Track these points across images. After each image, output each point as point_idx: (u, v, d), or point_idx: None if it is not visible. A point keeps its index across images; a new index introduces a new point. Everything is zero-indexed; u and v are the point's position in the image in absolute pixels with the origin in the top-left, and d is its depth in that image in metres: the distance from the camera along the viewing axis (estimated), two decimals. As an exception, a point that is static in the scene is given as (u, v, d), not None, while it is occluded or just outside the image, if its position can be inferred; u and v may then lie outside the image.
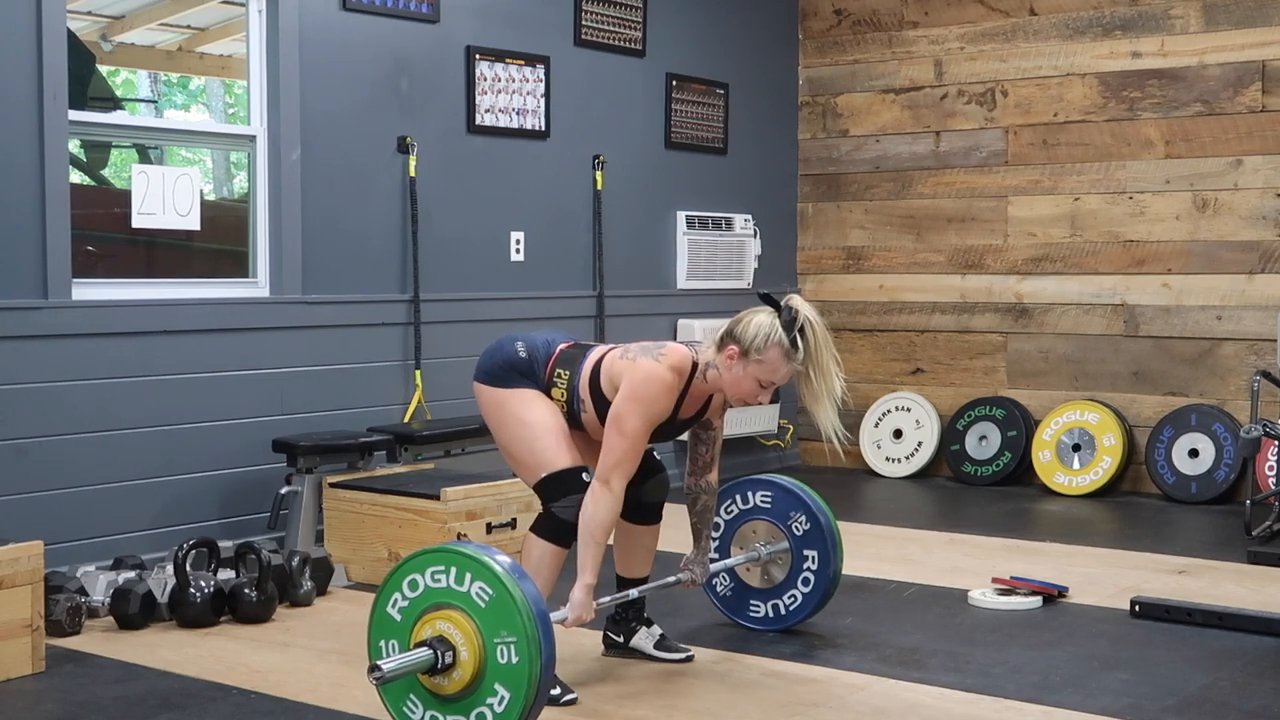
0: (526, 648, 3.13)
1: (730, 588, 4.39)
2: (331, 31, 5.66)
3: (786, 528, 4.29)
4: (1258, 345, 6.72)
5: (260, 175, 5.49)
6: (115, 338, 4.98)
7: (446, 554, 3.26)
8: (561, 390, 3.78)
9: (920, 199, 7.68)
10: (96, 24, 6.01)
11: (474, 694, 3.17)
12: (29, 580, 3.87)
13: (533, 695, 3.13)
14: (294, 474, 5.16)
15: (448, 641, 3.17)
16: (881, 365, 7.85)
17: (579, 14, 6.70)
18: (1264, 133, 6.71)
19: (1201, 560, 5.42)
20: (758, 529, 4.34)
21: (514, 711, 3.13)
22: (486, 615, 3.17)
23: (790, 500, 4.30)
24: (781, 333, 3.57)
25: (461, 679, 3.17)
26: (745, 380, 3.62)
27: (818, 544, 4.26)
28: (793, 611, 4.30)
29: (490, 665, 3.16)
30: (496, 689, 3.16)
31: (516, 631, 3.14)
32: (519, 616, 3.14)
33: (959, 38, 7.53)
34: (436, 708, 3.22)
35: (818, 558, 4.26)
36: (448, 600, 3.21)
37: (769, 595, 4.33)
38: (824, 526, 4.26)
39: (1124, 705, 3.64)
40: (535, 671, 3.12)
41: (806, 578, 4.27)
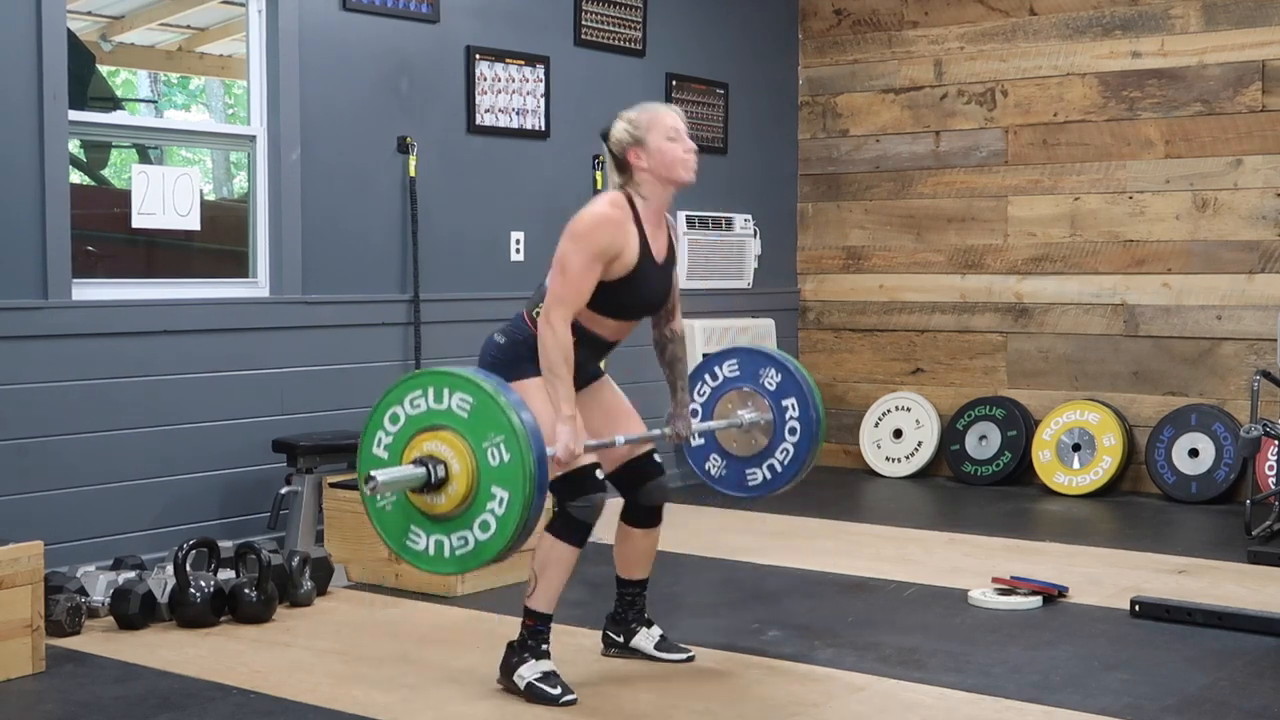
0: (516, 443, 3.15)
1: (724, 466, 4.35)
2: (331, 31, 5.66)
3: (759, 387, 4.27)
4: (1258, 345, 6.72)
5: (260, 175, 5.49)
6: (115, 338, 4.98)
7: (420, 378, 3.32)
8: None
9: (920, 199, 7.69)
10: (96, 24, 6.02)
11: (473, 504, 3.20)
12: (29, 580, 3.87)
13: (531, 490, 3.15)
14: (294, 474, 5.16)
15: (437, 458, 3.21)
16: (881, 365, 7.85)
17: (579, 14, 6.70)
18: (1264, 132, 6.71)
19: (1201, 560, 5.42)
20: (732, 399, 4.31)
21: (515, 509, 3.15)
22: (471, 424, 3.20)
23: (755, 360, 4.30)
24: (626, 111, 3.76)
25: (457, 491, 3.20)
26: (662, 152, 3.71)
27: (793, 391, 4.22)
28: (789, 464, 4.23)
29: (484, 470, 3.19)
30: (494, 492, 3.18)
31: (503, 429, 3.16)
32: (502, 415, 3.18)
33: (959, 38, 7.53)
34: (440, 530, 3.24)
35: (796, 404, 4.21)
36: (430, 422, 3.25)
37: (763, 458, 4.27)
38: (794, 373, 4.23)
39: (1124, 705, 3.64)
40: (529, 464, 3.14)
41: (793, 427, 4.22)
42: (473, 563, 3.29)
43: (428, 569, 3.39)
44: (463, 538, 3.26)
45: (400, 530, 3.31)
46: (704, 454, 4.37)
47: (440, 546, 3.30)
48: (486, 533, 3.23)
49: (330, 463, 5.23)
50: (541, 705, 3.61)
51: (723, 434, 4.32)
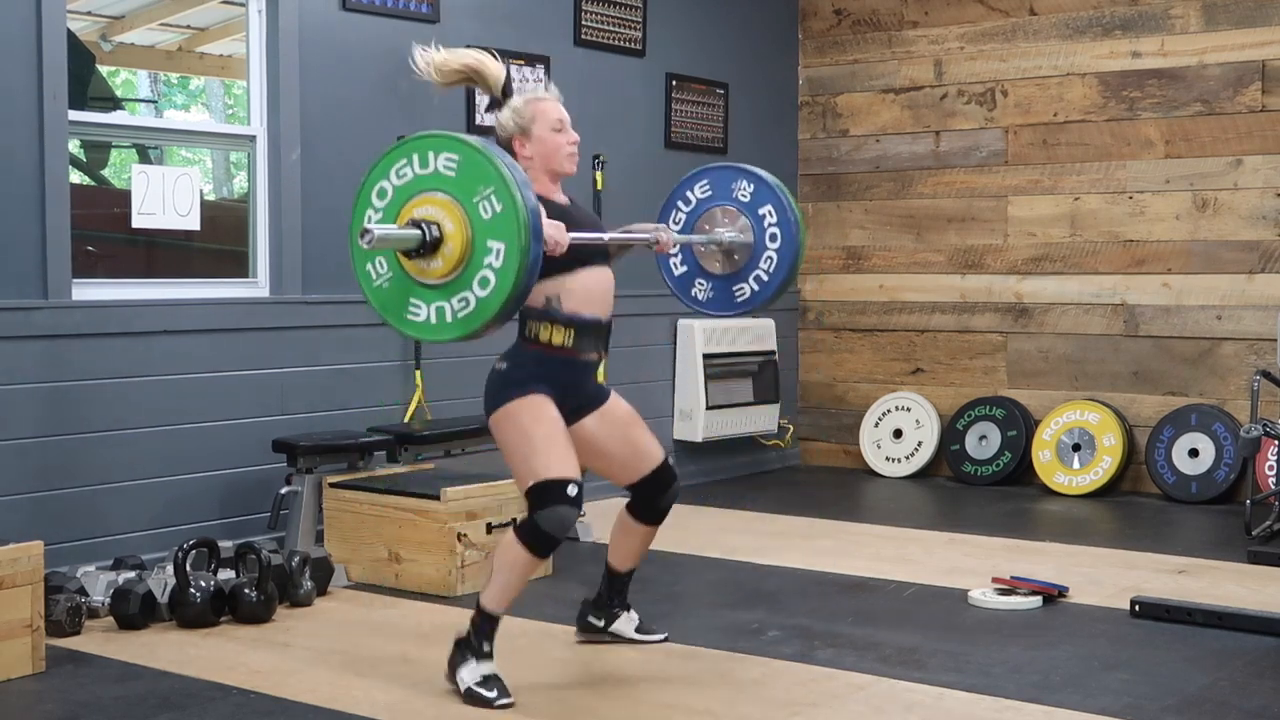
0: (507, 191, 3.18)
1: (711, 288, 4.34)
2: (331, 31, 5.66)
3: (734, 201, 4.27)
4: (1258, 345, 6.72)
5: (260, 175, 5.49)
6: (115, 338, 4.98)
7: (403, 146, 3.35)
8: (537, 326, 3.76)
9: (920, 199, 7.69)
10: (96, 24, 6.02)
11: (469, 262, 3.22)
12: (29, 580, 3.87)
13: (526, 236, 3.17)
14: (294, 474, 5.16)
15: (429, 220, 3.24)
16: (881, 365, 7.85)
17: (579, 14, 6.70)
18: (1264, 132, 6.71)
19: (1201, 560, 5.42)
20: (710, 219, 4.30)
21: (512, 259, 3.17)
22: (459, 181, 3.22)
23: (725, 175, 4.30)
24: (510, 100, 3.85)
25: (454, 251, 3.22)
26: (544, 142, 3.82)
27: (768, 198, 4.22)
28: (775, 272, 4.22)
29: (477, 225, 3.21)
30: (489, 245, 3.20)
31: (492, 180, 3.19)
32: (490, 166, 3.21)
33: (959, 38, 7.53)
34: (440, 297, 3.26)
35: (774, 210, 4.21)
36: (418, 188, 3.28)
37: (748, 270, 4.26)
38: (766, 180, 4.25)
39: (1124, 705, 3.64)
40: (523, 211, 3.17)
41: (773, 234, 4.22)
42: (476, 322, 3.27)
43: (432, 338, 3.40)
44: (463, 299, 3.26)
45: (399, 305, 3.32)
46: (689, 280, 4.37)
47: (441, 313, 3.30)
48: (486, 289, 3.23)
49: (330, 463, 5.23)
50: (483, 708, 3.60)
51: (705, 256, 4.32)
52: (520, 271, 3.22)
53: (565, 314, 3.74)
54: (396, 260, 3.37)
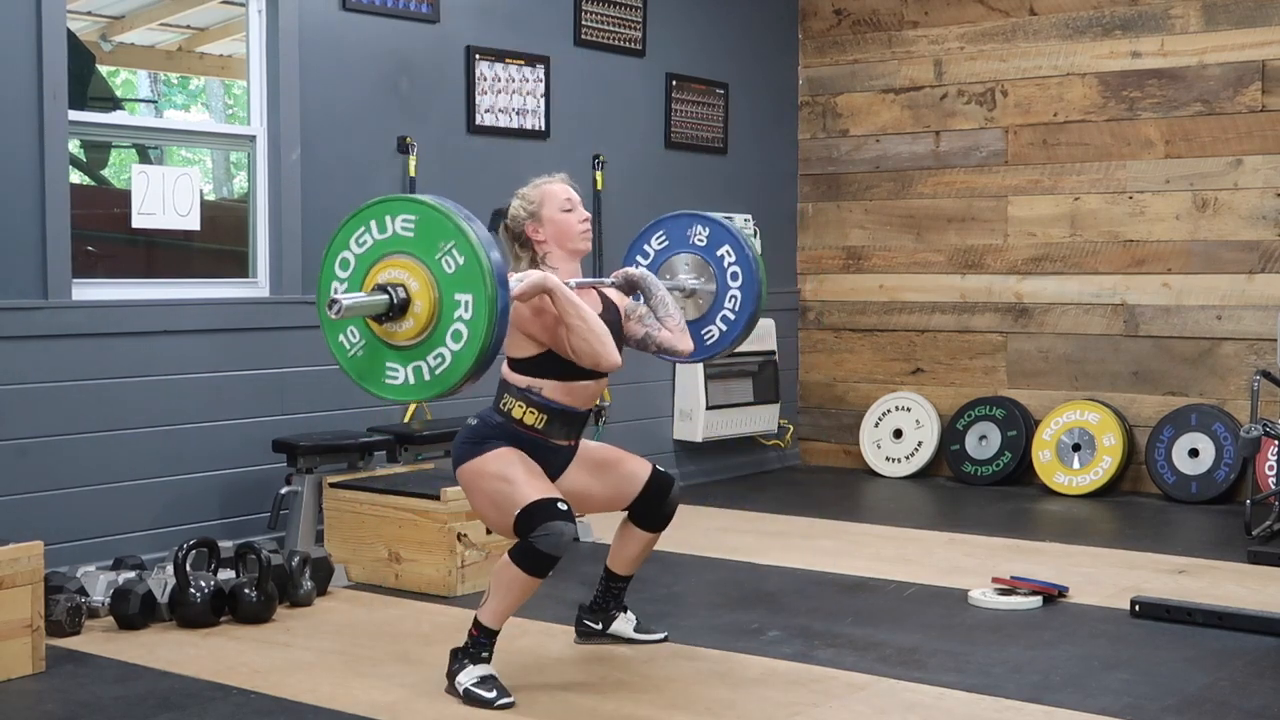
0: (467, 243, 3.22)
1: None
2: (331, 31, 5.66)
3: (690, 247, 4.30)
4: (1258, 345, 6.72)
5: (260, 175, 5.49)
6: (115, 338, 4.98)
7: (359, 215, 3.38)
8: (513, 402, 3.77)
9: (920, 199, 7.69)
10: (96, 24, 6.02)
11: (440, 318, 3.25)
12: (29, 580, 3.87)
13: (493, 285, 3.20)
14: (294, 474, 5.16)
15: (395, 283, 3.28)
16: (881, 365, 7.85)
17: (579, 14, 6.70)
18: (1264, 132, 6.71)
19: (1201, 560, 5.42)
20: (670, 268, 4.32)
21: (481, 310, 3.20)
22: (419, 241, 3.27)
23: (680, 224, 4.33)
24: (526, 189, 3.87)
25: (423, 310, 3.25)
26: (556, 223, 3.83)
27: (725, 239, 4.26)
28: (740, 310, 4.24)
29: (443, 281, 3.24)
30: (457, 299, 3.23)
31: (451, 235, 3.24)
32: (447, 221, 3.25)
33: (959, 38, 7.53)
34: (415, 357, 3.30)
35: (731, 249, 4.24)
36: (379, 253, 3.32)
37: (713, 313, 4.28)
38: (719, 222, 4.29)
39: (1124, 705, 3.64)
40: (483, 260, 3.20)
41: (734, 273, 4.24)
42: (453, 376, 3.28)
43: (412, 398, 3.43)
44: (438, 355, 3.29)
45: (377, 372, 3.36)
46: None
47: (419, 372, 3.33)
48: (459, 342, 3.25)
49: (330, 463, 5.23)
50: (482, 709, 3.60)
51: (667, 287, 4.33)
52: (491, 320, 3.23)
53: (541, 399, 3.76)
54: (367, 327, 3.39)
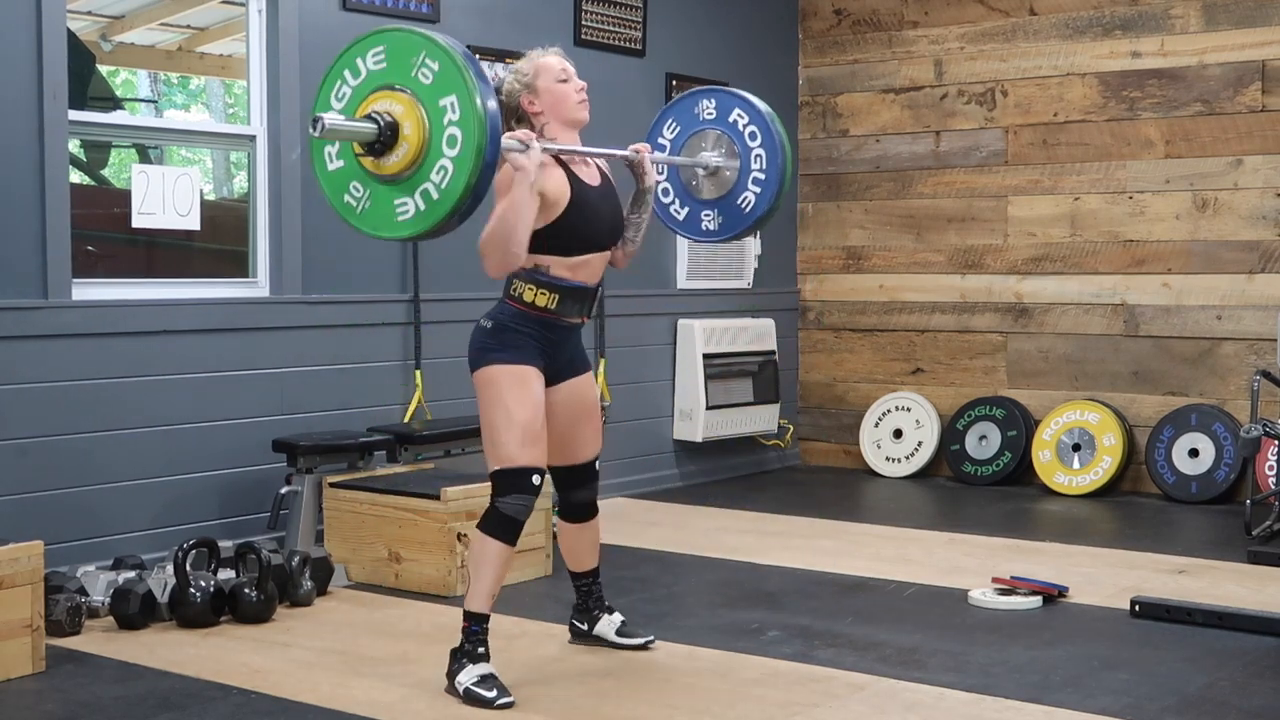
0: (436, 47, 3.21)
1: (718, 213, 4.30)
2: (331, 31, 5.65)
3: (701, 122, 4.27)
4: (1258, 345, 6.72)
5: (260, 175, 5.49)
6: (115, 338, 4.98)
7: (332, 72, 3.37)
8: (522, 286, 3.77)
9: (920, 199, 7.69)
10: (96, 24, 6.02)
11: (432, 131, 3.20)
12: (29, 580, 3.87)
13: (471, 75, 3.18)
14: (294, 474, 5.16)
15: (377, 113, 3.24)
16: (881, 365, 7.85)
17: (579, 14, 6.70)
18: (1264, 133, 6.71)
19: (1201, 560, 5.42)
20: (689, 150, 4.29)
21: (467, 103, 3.16)
22: (391, 67, 3.25)
23: (686, 105, 4.31)
24: (520, 63, 3.85)
25: (413, 130, 3.21)
26: (553, 93, 3.81)
27: (734, 103, 4.22)
28: (768, 166, 4.18)
29: (424, 93, 3.20)
30: (443, 104, 3.20)
31: (417, 47, 3.21)
32: (411, 35, 3.24)
33: (959, 38, 7.53)
34: (420, 179, 3.25)
35: (742, 110, 4.21)
36: (359, 98, 3.30)
37: (744, 179, 4.22)
38: (725, 91, 4.25)
39: (1124, 705, 3.64)
40: (456, 58, 3.18)
41: (752, 132, 4.20)
42: (458, 184, 3.23)
43: (429, 224, 3.32)
44: (440, 168, 3.25)
45: (388, 214, 3.31)
46: (695, 217, 4.35)
47: (426, 194, 3.26)
48: (455, 146, 3.22)
49: (330, 463, 5.23)
50: (483, 709, 3.61)
51: (698, 188, 4.30)
52: (479, 114, 3.19)
53: (550, 278, 3.76)
54: (368, 174, 3.34)
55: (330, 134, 3.24)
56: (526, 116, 3.82)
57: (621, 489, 6.86)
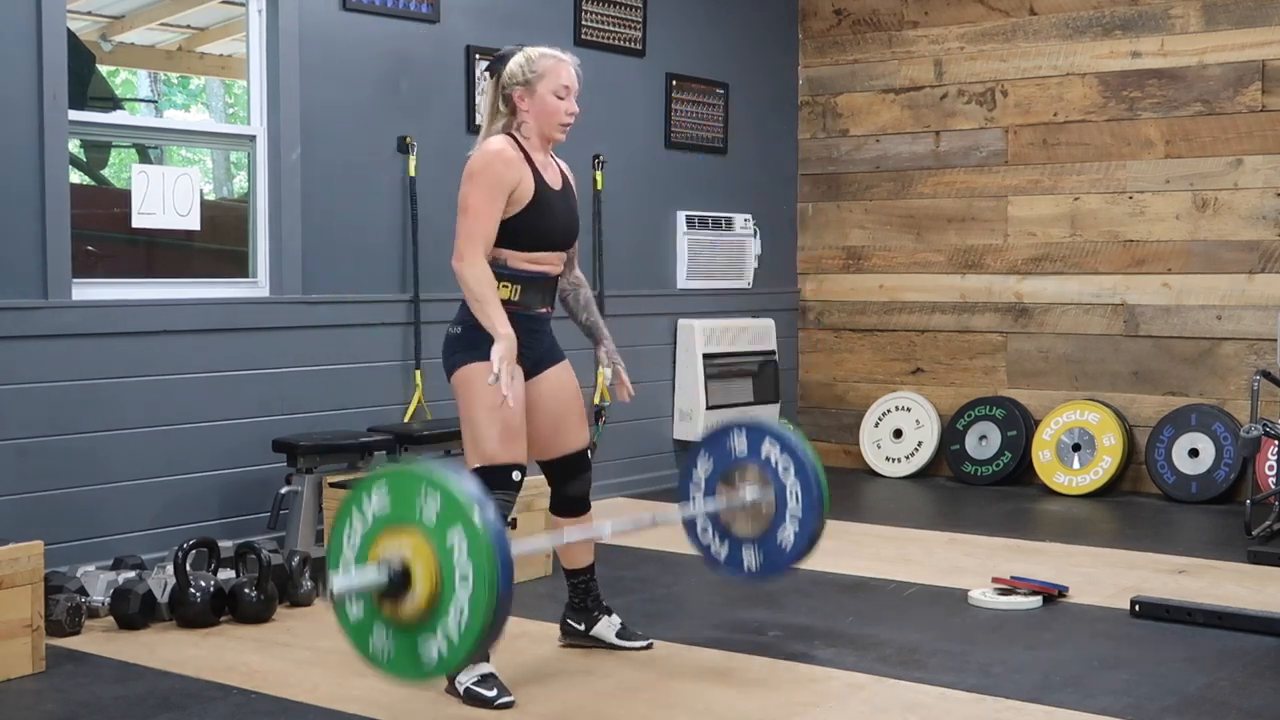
0: (435, 482, 3.09)
1: (760, 550, 4.16)
2: (331, 31, 5.66)
3: (734, 459, 4.16)
4: (1258, 345, 6.72)
5: (260, 175, 5.49)
6: (115, 338, 4.98)
7: (340, 518, 3.26)
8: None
9: (920, 199, 7.69)
10: (96, 24, 6.02)
11: (443, 570, 3.08)
12: (29, 580, 3.87)
13: (472, 505, 3.06)
14: (294, 474, 5.15)
15: (386, 559, 3.13)
16: (881, 365, 7.85)
17: (579, 14, 6.70)
18: (1264, 133, 6.71)
19: (1201, 560, 5.42)
20: (725, 485, 4.20)
21: (475, 537, 3.04)
22: (396, 506, 3.15)
23: (717, 440, 4.20)
24: (531, 48, 3.86)
25: (424, 572, 3.07)
26: (545, 101, 3.82)
27: (764, 434, 4.12)
28: (804, 499, 4.07)
29: (431, 530, 3.09)
30: (450, 541, 3.06)
31: (418, 482, 3.10)
32: (410, 473, 3.15)
33: (959, 38, 7.53)
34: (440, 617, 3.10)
35: (772, 439, 4.10)
36: (370, 536, 3.19)
37: (781, 514, 4.09)
38: (753, 424, 4.16)
39: (1124, 705, 3.64)
40: (455, 490, 3.07)
41: (784, 466, 4.09)
42: (479, 613, 3.08)
43: (463, 654, 3.15)
44: (458, 607, 3.10)
45: (415, 657, 3.18)
46: (737, 557, 4.20)
47: (446, 631, 3.13)
48: (468, 584, 3.07)
49: (330, 463, 5.23)
50: (482, 708, 3.61)
51: (737, 524, 4.20)
52: (488, 546, 3.06)
53: (510, 269, 3.81)
54: (387, 623, 3.22)
55: (342, 597, 3.18)
56: (513, 106, 3.85)
57: (621, 489, 6.86)
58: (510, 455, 3.77)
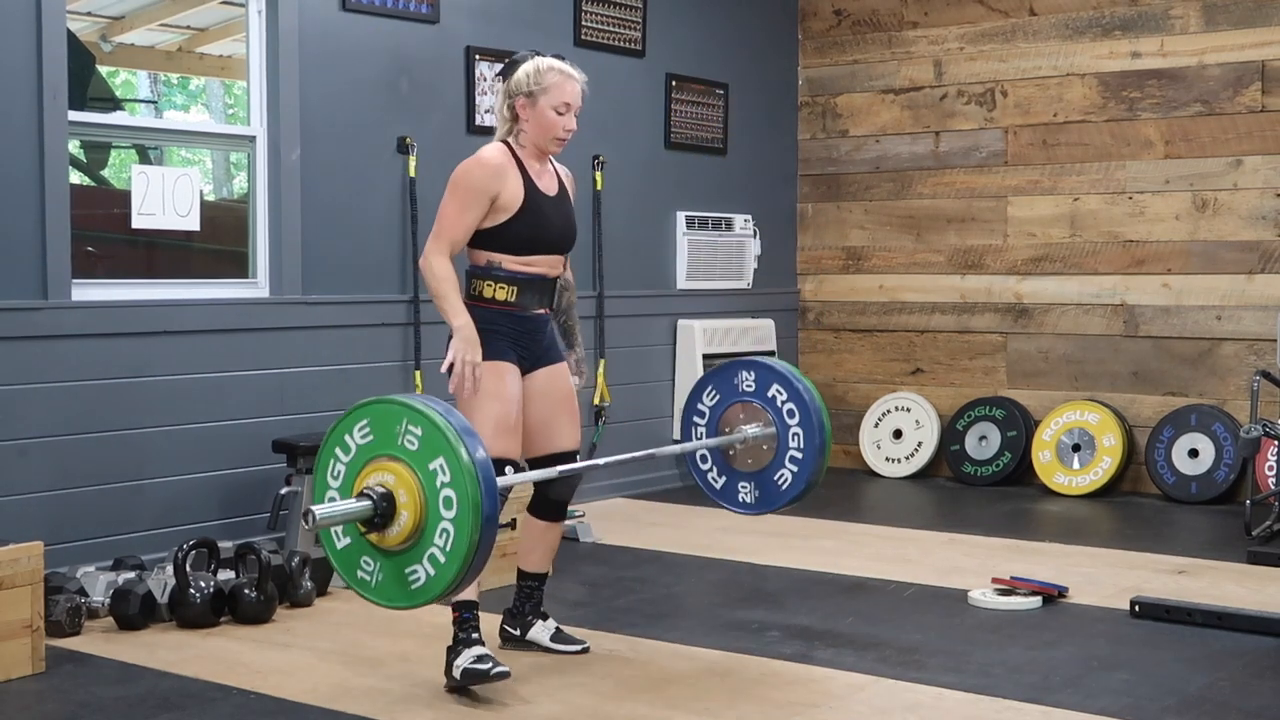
0: (418, 414, 3.16)
1: (755, 486, 4.26)
2: (331, 31, 5.66)
3: (740, 394, 4.23)
4: (1258, 345, 6.72)
5: (260, 175, 5.49)
6: (115, 338, 4.98)
7: (325, 448, 3.36)
8: (480, 283, 3.89)
9: (920, 199, 7.69)
10: (96, 24, 6.02)
11: (428, 498, 3.15)
12: (29, 580, 3.87)
13: (455, 433, 3.13)
14: (294, 474, 5.15)
15: (370, 488, 3.21)
16: (881, 365, 7.85)
17: (579, 14, 6.70)
18: (1264, 133, 6.71)
19: (1201, 560, 5.42)
20: (728, 420, 4.26)
21: (457, 465, 3.10)
22: (378, 440, 3.23)
23: (726, 374, 4.26)
24: (539, 58, 3.89)
25: (409, 499, 3.15)
26: (544, 115, 3.86)
27: (773, 378, 4.18)
28: (805, 445, 4.14)
29: (412, 459, 3.16)
30: (431, 468, 3.14)
31: (399, 415, 3.20)
32: (392, 405, 3.23)
33: (959, 38, 7.53)
34: (425, 544, 3.17)
35: (782, 387, 4.17)
36: (354, 469, 3.28)
37: (781, 456, 4.18)
38: (765, 364, 4.22)
39: (1124, 705, 3.64)
40: (439, 420, 3.13)
41: (790, 409, 4.16)
42: (464, 538, 3.15)
43: (449, 579, 3.21)
44: (442, 530, 3.18)
45: (402, 581, 3.24)
46: (732, 488, 4.30)
47: (434, 558, 3.19)
48: (451, 509, 3.15)
49: (330, 463, 5.23)
50: (481, 683, 3.64)
51: (736, 458, 4.28)
52: (471, 479, 3.12)
53: (505, 271, 3.86)
54: (377, 551, 3.26)
55: (324, 524, 3.20)
56: (514, 110, 3.89)
57: (621, 489, 6.87)
58: (502, 450, 3.80)
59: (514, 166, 3.85)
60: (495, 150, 3.86)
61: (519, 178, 3.85)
